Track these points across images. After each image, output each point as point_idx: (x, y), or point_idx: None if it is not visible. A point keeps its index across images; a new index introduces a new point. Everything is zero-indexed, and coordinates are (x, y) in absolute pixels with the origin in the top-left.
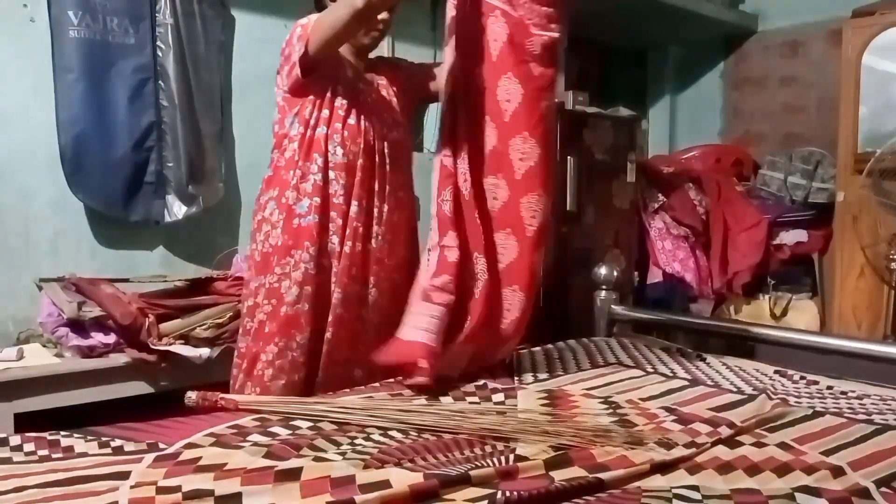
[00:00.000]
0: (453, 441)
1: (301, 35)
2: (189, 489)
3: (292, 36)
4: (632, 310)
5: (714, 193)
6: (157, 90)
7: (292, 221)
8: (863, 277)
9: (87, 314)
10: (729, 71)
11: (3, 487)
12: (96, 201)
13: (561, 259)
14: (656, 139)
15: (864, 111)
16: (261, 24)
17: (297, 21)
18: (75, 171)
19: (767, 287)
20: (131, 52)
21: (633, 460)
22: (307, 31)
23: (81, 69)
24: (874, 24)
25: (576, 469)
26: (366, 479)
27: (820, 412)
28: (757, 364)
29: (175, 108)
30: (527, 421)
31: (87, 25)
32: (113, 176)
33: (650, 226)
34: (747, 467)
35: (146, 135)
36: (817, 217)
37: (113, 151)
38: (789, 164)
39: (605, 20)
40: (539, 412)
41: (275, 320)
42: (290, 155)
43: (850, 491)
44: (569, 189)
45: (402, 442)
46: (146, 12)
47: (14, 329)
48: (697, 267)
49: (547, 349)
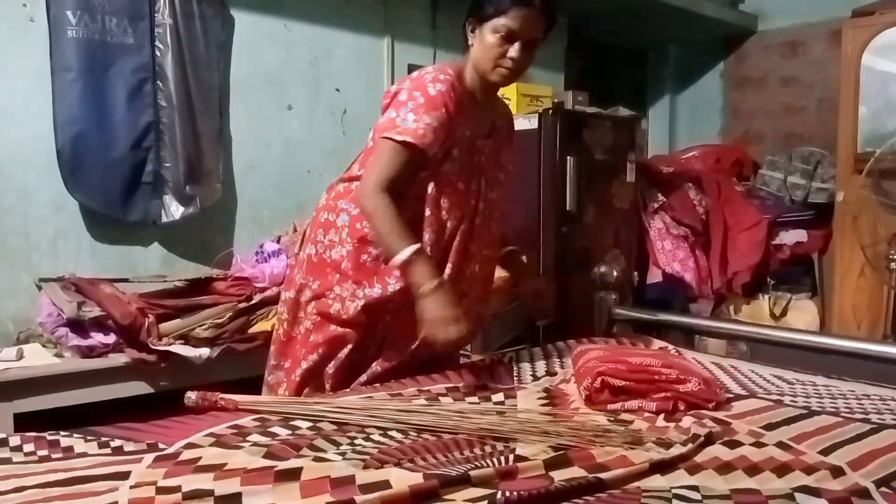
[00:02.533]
0: (453, 441)
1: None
2: (189, 489)
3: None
4: (631, 310)
5: (714, 193)
6: (156, 90)
7: (362, 254)
8: (863, 277)
9: (87, 314)
10: (729, 71)
11: (3, 487)
12: (94, 201)
13: (561, 259)
14: (656, 139)
15: (864, 111)
16: (260, 24)
17: (400, 90)
18: (73, 171)
19: (767, 287)
20: (130, 51)
21: (633, 460)
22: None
23: (80, 69)
24: (874, 23)
25: (575, 469)
26: (366, 480)
27: (817, 411)
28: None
29: (173, 108)
30: (526, 421)
31: (85, 25)
32: (111, 176)
33: (650, 226)
34: (747, 467)
35: (144, 135)
36: (817, 217)
37: (111, 151)
38: (789, 164)
39: (605, 20)
40: (538, 412)
41: (320, 332)
42: None
43: (850, 491)
44: (568, 189)
45: (401, 442)
46: (145, 12)
47: (14, 329)
48: (697, 267)
49: (546, 349)
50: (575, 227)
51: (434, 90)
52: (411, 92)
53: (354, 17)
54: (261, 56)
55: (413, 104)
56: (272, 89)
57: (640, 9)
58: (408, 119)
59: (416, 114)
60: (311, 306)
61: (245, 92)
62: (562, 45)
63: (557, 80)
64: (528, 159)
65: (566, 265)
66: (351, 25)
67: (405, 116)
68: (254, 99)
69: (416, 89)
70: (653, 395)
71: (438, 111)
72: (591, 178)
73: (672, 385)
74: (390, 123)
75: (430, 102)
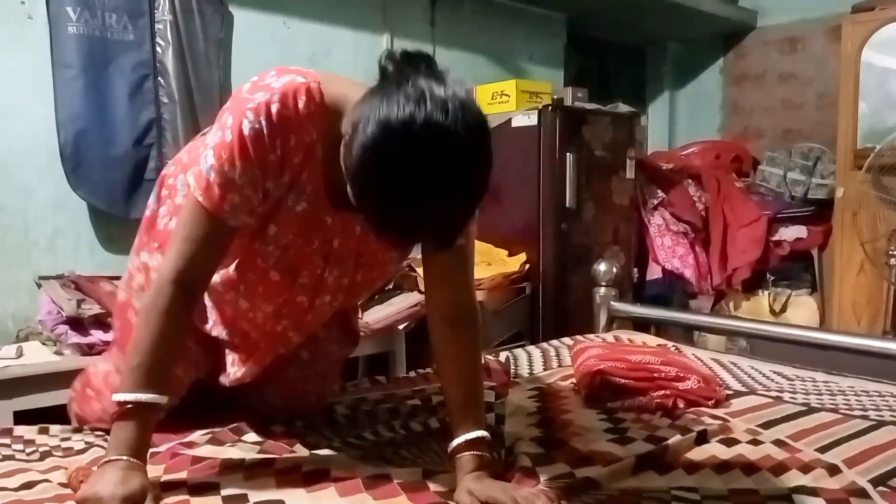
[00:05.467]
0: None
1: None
2: (192, 484)
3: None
4: (631, 306)
5: (713, 190)
6: (157, 87)
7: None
8: (862, 273)
9: (87, 312)
10: (728, 67)
11: (11, 484)
12: (96, 198)
13: (560, 256)
14: (656, 135)
15: (864, 107)
16: (259, 21)
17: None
18: (75, 168)
19: (767, 283)
20: (130, 48)
21: (618, 454)
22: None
23: (80, 66)
24: (873, 19)
25: (562, 465)
26: (367, 473)
27: (816, 408)
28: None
29: (175, 104)
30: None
31: (85, 22)
32: (113, 173)
33: (649, 222)
34: (744, 466)
35: (146, 131)
36: (817, 213)
37: (113, 148)
38: (789, 160)
39: (605, 17)
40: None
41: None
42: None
43: (847, 490)
44: (568, 186)
45: (393, 438)
46: (145, 9)
47: (13, 327)
48: (697, 263)
49: (543, 347)
50: (574, 223)
51: (253, 132)
52: (227, 113)
53: (353, 14)
54: (260, 53)
55: (217, 137)
56: None
57: (639, 5)
58: (206, 159)
59: (214, 154)
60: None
61: None
62: (561, 42)
63: (557, 76)
64: (527, 156)
65: (566, 262)
66: (350, 22)
67: (206, 156)
68: None
69: (232, 113)
70: (652, 393)
71: (246, 161)
72: (591, 175)
73: (671, 383)
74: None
75: (239, 146)
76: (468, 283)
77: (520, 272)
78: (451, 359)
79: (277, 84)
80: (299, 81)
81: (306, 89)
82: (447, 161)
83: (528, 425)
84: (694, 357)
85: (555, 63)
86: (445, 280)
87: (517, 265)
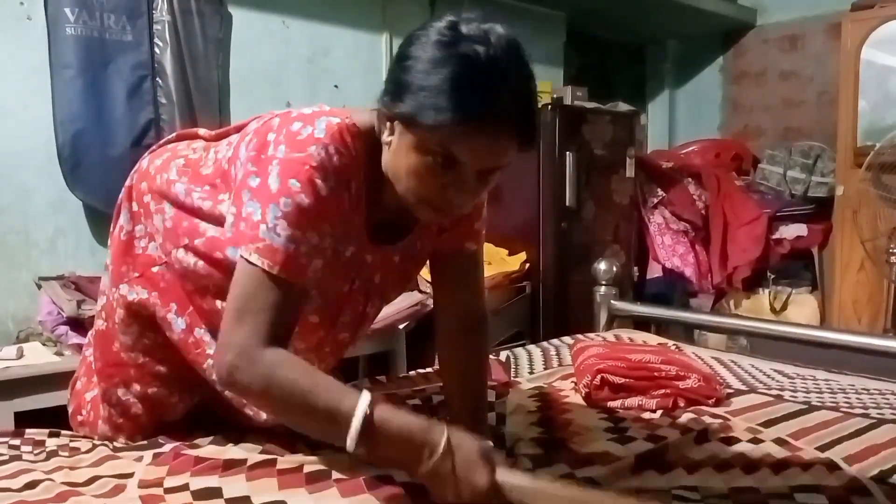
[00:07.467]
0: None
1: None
2: (197, 488)
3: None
4: (631, 305)
5: (713, 188)
6: (155, 87)
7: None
8: (863, 271)
9: (87, 312)
10: (728, 65)
11: (15, 485)
12: (95, 199)
13: (560, 255)
14: (655, 134)
15: (864, 105)
16: (258, 21)
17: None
18: (74, 168)
19: (767, 281)
20: (129, 49)
21: (617, 454)
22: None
23: (79, 66)
24: (873, 17)
25: (562, 465)
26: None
27: (816, 406)
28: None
29: (173, 105)
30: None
31: (83, 22)
32: (111, 173)
33: (650, 221)
34: (745, 465)
35: (144, 132)
36: (817, 211)
37: (111, 149)
38: (789, 159)
39: (604, 15)
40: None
41: None
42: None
43: (848, 488)
44: (568, 184)
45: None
46: (143, 9)
47: (14, 328)
48: (697, 262)
49: (543, 346)
50: (574, 222)
51: (326, 189)
52: (284, 176)
53: (353, 14)
54: (259, 53)
55: (287, 204)
56: (271, 86)
57: (639, 3)
58: (278, 233)
59: (289, 223)
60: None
61: (244, 89)
62: (561, 41)
63: (556, 75)
64: (527, 155)
65: (566, 261)
66: (349, 22)
67: (274, 225)
68: (252, 96)
69: (291, 175)
70: (652, 392)
71: (326, 222)
72: (591, 174)
73: (672, 382)
74: (253, 228)
75: (316, 208)
76: (480, 291)
77: (520, 271)
78: (459, 368)
79: (323, 134)
80: (337, 123)
81: (348, 129)
82: (504, 51)
83: (528, 425)
84: (694, 356)
85: (555, 62)
86: (458, 287)
87: (517, 264)
